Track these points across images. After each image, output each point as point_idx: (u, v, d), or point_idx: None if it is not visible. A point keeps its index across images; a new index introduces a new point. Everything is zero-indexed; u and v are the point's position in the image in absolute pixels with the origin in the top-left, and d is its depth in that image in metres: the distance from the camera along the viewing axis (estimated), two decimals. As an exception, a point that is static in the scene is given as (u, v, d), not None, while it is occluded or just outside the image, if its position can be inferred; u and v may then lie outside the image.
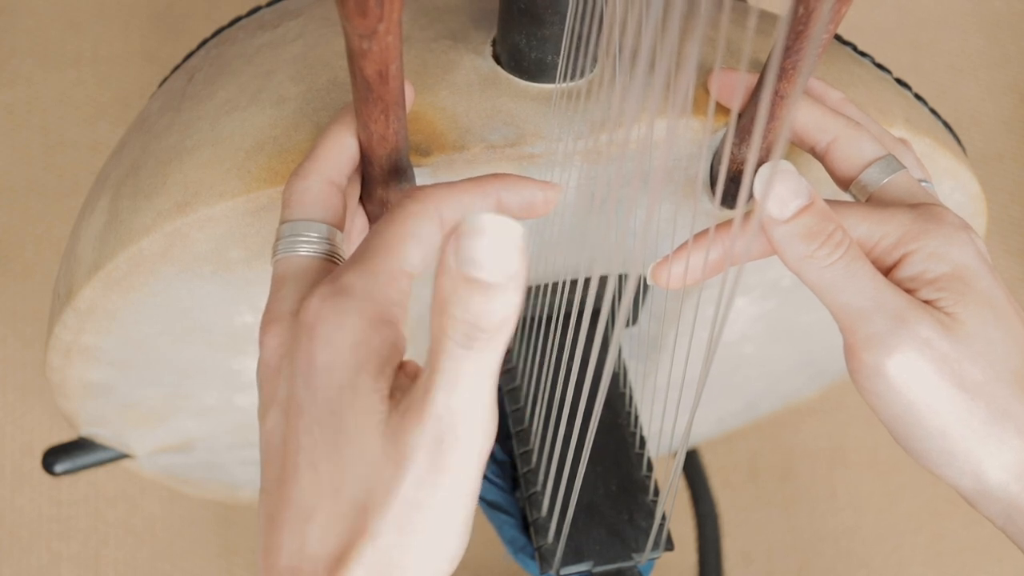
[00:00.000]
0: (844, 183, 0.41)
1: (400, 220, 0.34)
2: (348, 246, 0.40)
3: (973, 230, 0.39)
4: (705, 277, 0.40)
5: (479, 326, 0.28)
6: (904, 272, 0.38)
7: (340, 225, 0.37)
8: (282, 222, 0.37)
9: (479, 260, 0.26)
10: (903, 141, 0.44)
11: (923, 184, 0.41)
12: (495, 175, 0.37)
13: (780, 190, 0.37)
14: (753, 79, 0.42)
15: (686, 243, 0.40)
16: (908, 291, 0.38)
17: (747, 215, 0.40)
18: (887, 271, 0.39)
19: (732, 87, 0.42)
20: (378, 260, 0.33)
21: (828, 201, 0.39)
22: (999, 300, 0.38)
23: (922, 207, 0.39)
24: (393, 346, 0.32)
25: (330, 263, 0.36)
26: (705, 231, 0.40)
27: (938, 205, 0.40)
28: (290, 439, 0.32)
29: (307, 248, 0.36)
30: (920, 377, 0.37)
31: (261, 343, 0.34)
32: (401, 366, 0.33)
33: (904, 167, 0.41)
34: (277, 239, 0.37)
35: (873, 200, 0.40)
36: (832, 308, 0.38)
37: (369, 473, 0.31)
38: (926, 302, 0.38)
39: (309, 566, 0.32)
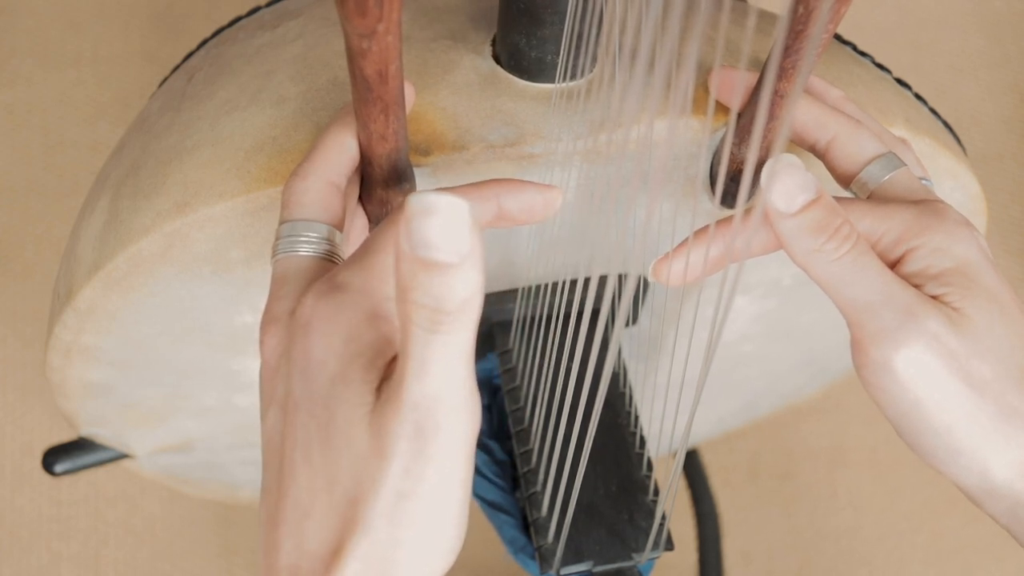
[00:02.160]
0: (845, 180, 0.41)
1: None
2: (348, 247, 0.40)
3: (975, 227, 0.39)
4: (706, 274, 0.40)
5: (441, 309, 0.28)
6: (908, 268, 0.38)
7: (340, 225, 0.37)
8: (281, 222, 0.37)
9: (431, 241, 0.26)
10: (902, 140, 0.44)
11: (923, 182, 0.41)
12: (495, 180, 0.37)
13: (787, 184, 0.37)
14: (753, 78, 0.42)
15: (687, 240, 0.40)
16: (913, 287, 0.38)
17: (747, 212, 0.40)
18: (890, 267, 0.39)
19: (732, 85, 0.42)
20: (375, 258, 0.33)
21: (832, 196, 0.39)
22: (1004, 296, 0.38)
23: (924, 203, 0.39)
24: (387, 340, 0.32)
25: (329, 263, 0.36)
26: (706, 227, 0.40)
27: (940, 202, 0.39)
28: (287, 436, 0.33)
29: (306, 248, 0.36)
30: (928, 373, 0.37)
31: (261, 343, 0.35)
32: (395, 359, 0.33)
33: (905, 164, 0.41)
34: (276, 239, 0.37)
35: (874, 197, 0.40)
36: (839, 302, 0.38)
37: (357, 466, 0.31)
38: (932, 297, 0.37)
39: (307, 564, 0.32)
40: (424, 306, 0.28)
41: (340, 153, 0.38)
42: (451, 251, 0.26)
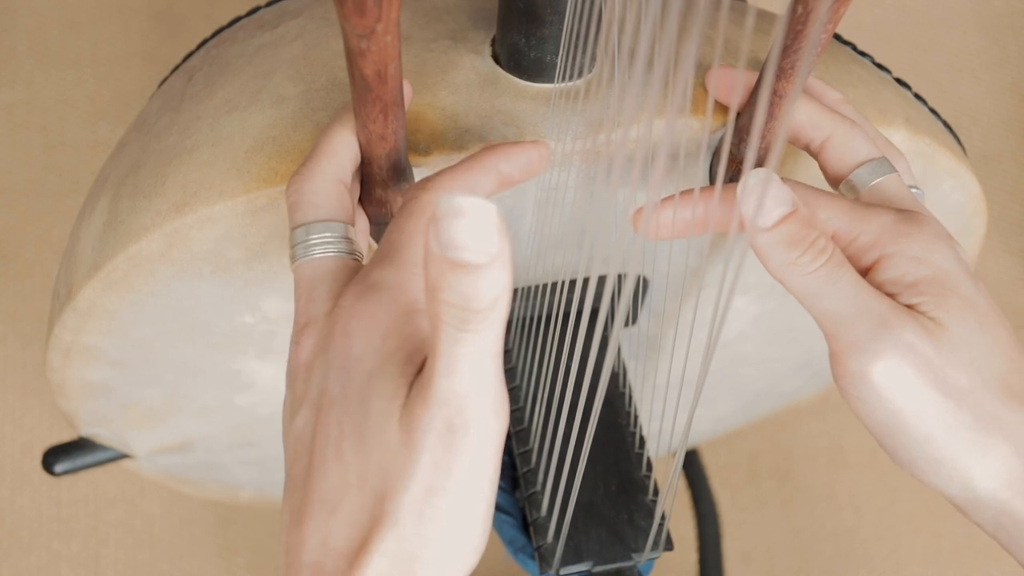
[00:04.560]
0: (835, 181, 0.41)
1: (417, 212, 0.35)
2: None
3: (955, 241, 0.39)
4: (683, 234, 0.40)
5: (470, 308, 0.28)
6: (884, 274, 0.38)
7: (353, 222, 0.38)
8: (297, 226, 0.37)
9: (460, 242, 0.26)
10: (897, 150, 0.44)
11: (913, 191, 0.41)
12: (487, 148, 0.37)
13: (763, 198, 0.37)
14: (751, 77, 0.42)
15: (672, 196, 0.40)
16: (889, 295, 0.38)
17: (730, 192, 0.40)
18: (864, 272, 0.39)
19: (730, 85, 0.42)
20: (403, 253, 0.34)
21: (813, 188, 0.39)
22: (982, 305, 0.38)
23: (906, 211, 0.39)
24: (424, 335, 0.33)
25: (353, 261, 0.36)
26: (691, 191, 0.40)
27: (923, 212, 0.39)
28: (319, 433, 0.33)
29: (329, 249, 0.36)
30: (905, 383, 0.37)
31: (297, 344, 0.35)
32: None
33: (895, 171, 0.41)
34: (293, 244, 0.37)
35: (861, 200, 0.40)
36: (816, 315, 0.38)
37: (387, 460, 0.31)
38: (907, 306, 0.37)
39: (332, 561, 0.32)
40: (453, 305, 0.28)
41: (344, 151, 0.38)
42: (479, 251, 0.26)
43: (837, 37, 0.50)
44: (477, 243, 0.26)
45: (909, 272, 0.38)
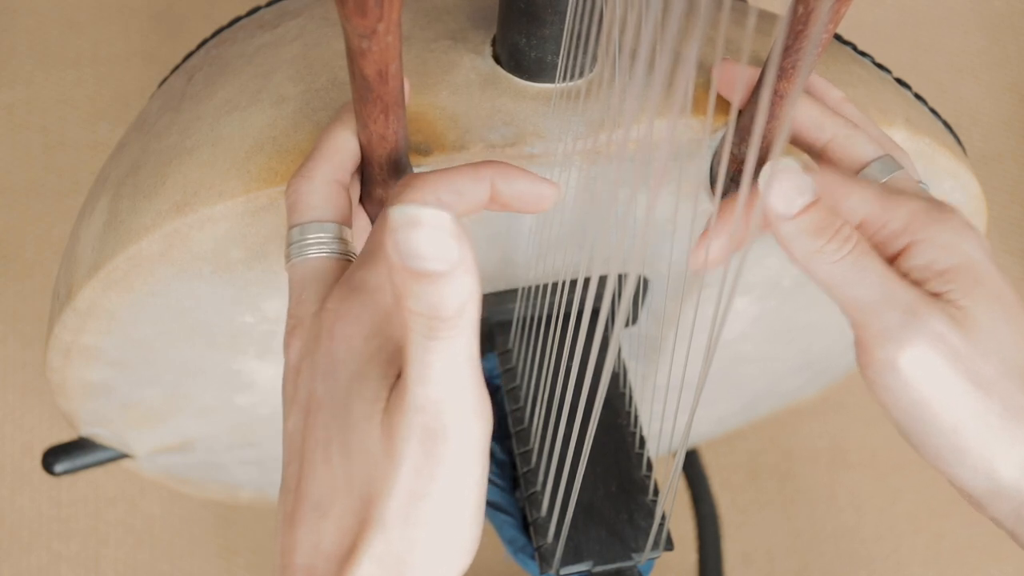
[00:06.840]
0: None
1: None
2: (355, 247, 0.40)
3: (979, 231, 0.39)
4: (730, 253, 0.40)
5: (437, 316, 0.28)
6: (912, 261, 0.38)
7: (349, 223, 0.38)
8: (292, 226, 0.37)
9: (419, 251, 0.26)
10: (900, 148, 0.44)
11: (920, 185, 0.41)
12: (491, 161, 0.36)
13: (785, 187, 0.37)
14: (754, 73, 0.42)
15: (707, 230, 0.40)
16: (916, 282, 0.38)
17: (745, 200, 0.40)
18: (892, 258, 0.39)
19: (734, 79, 0.42)
20: (383, 254, 0.33)
21: (843, 174, 0.39)
22: (1008, 296, 0.38)
23: (933, 200, 0.39)
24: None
25: (346, 262, 0.36)
26: (730, 204, 0.40)
27: (945, 202, 0.39)
28: (308, 437, 0.33)
29: (322, 250, 0.36)
30: (933, 372, 0.36)
31: (286, 346, 0.35)
32: None
33: (902, 167, 0.41)
34: (288, 244, 0.37)
35: None
36: (842, 303, 0.38)
37: (371, 465, 0.31)
38: (934, 294, 0.37)
39: (322, 564, 0.32)
40: (420, 314, 0.28)
41: (343, 151, 0.38)
42: (440, 260, 0.26)
43: (837, 37, 0.50)
44: (437, 251, 0.26)
45: (939, 259, 0.37)
